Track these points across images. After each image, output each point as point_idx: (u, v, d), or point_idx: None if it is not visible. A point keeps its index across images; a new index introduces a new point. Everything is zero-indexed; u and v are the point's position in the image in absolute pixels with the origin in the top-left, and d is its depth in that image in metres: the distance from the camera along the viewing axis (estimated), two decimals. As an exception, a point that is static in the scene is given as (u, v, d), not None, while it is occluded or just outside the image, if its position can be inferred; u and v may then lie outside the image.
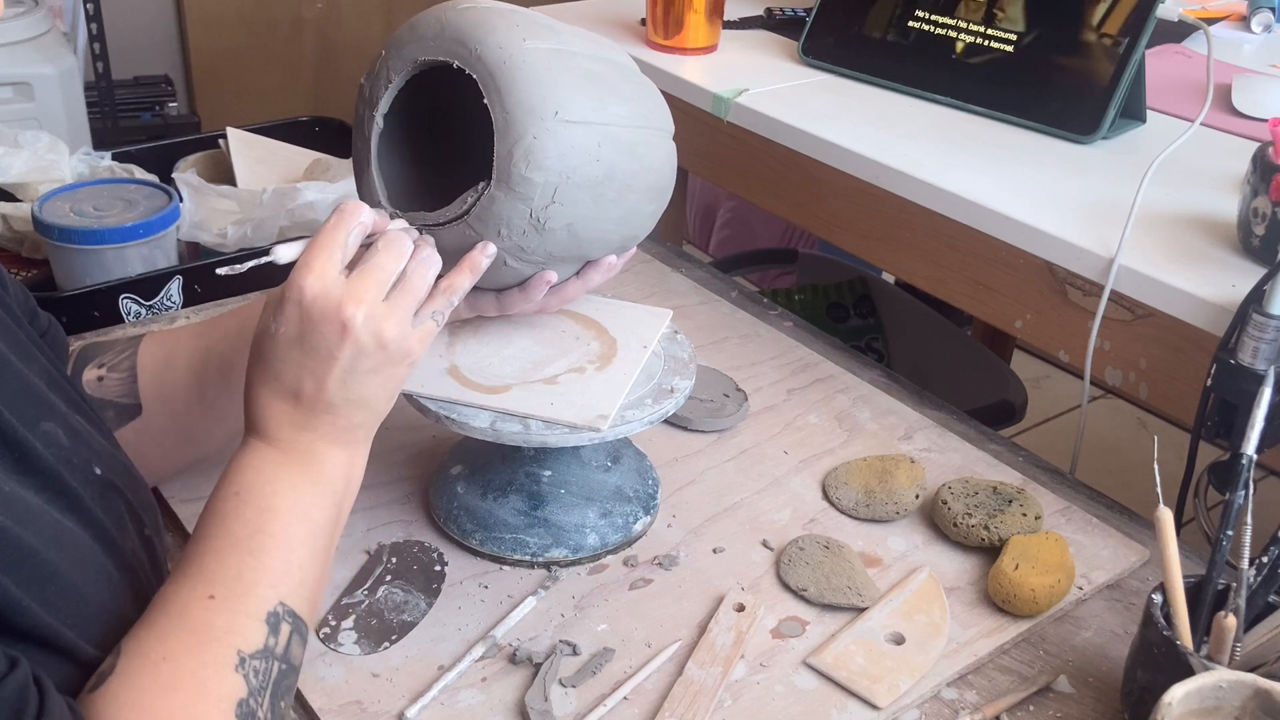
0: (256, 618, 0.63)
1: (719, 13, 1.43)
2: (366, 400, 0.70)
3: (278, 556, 0.65)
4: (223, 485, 0.68)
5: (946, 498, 0.93)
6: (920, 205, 1.13)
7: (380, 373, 0.70)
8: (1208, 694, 0.67)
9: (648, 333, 0.91)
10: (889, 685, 0.78)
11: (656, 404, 0.84)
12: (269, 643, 0.63)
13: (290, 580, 0.65)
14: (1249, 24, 1.59)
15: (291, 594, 0.65)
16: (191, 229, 1.32)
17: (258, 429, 0.70)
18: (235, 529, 0.65)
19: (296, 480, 0.69)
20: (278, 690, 0.63)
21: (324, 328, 0.68)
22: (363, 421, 0.71)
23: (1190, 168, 1.13)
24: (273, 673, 0.62)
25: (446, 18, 0.79)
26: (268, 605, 0.64)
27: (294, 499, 0.68)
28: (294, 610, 0.65)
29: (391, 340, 0.69)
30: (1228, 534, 0.74)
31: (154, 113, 2.96)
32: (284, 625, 0.64)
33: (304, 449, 0.69)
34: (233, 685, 0.60)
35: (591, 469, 0.91)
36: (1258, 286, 0.88)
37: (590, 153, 0.77)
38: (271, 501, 0.67)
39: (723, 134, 1.43)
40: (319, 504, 0.69)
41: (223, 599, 0.62)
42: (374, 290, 0.69)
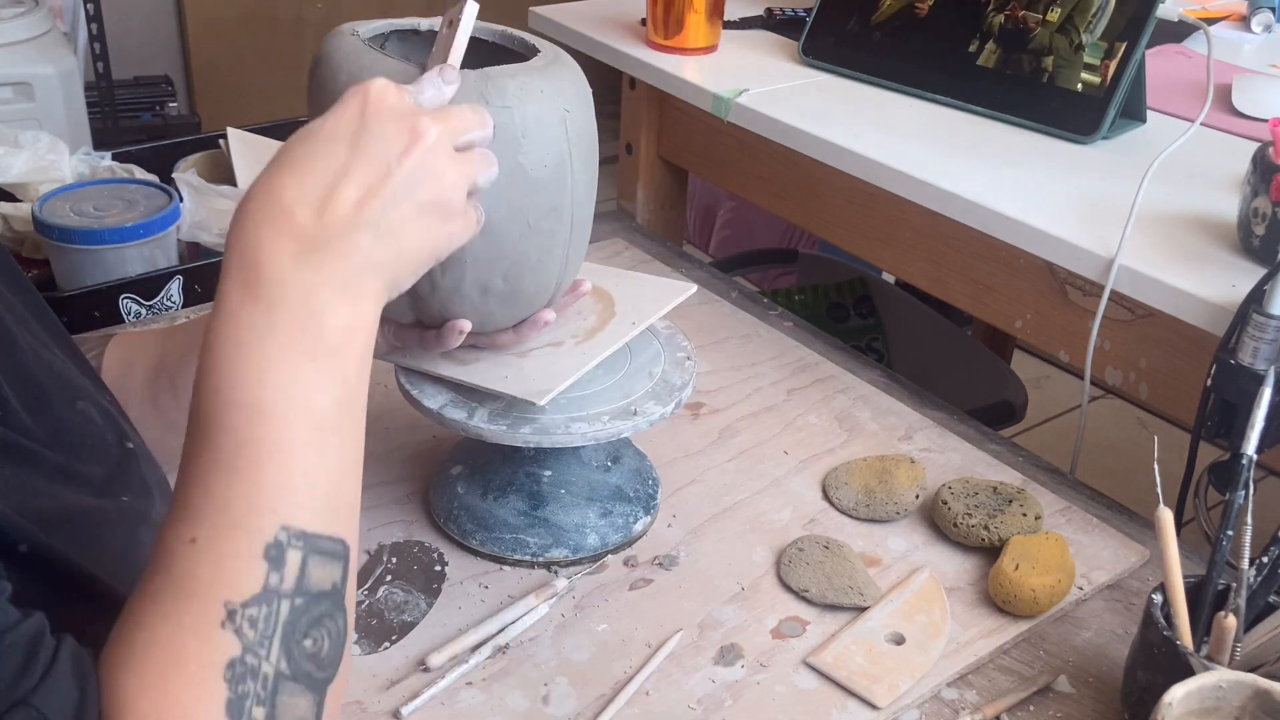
0: (250, 557, 0.51)
1: (719, 13, 1.43)
2: (401, 239, 0.57)
3: (273, 470, 0.53)
4: (202, 372, 0.55)
5: (946, 498, 0.93)
6: (920, 205, 1.13)
7: (426, 217, 0.58)
8: (1208, 694, 0.67)
9: (651, 307, 0.90)
10: (889, 685, 0.78)
11: (618, 419, 0.83)
12: (270, 581, 0.51)
13: (294, 496, 0.53)
14: (1249, 24, 1.59)
15: (297, 511, 0.53)
16: (192, 229, 1.32)
17: (243, 260, 0.55)
18: (218, 440, 0.53)
19: (288, 354, 0.54)
20: (293, 630, 0.52)
21: (389, 128, 0.57)
22: (382, 265, 0.57)
23: (1190, 168, 1.13)
24: (280, 613, 0.51)
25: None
26: (265, 536, 0.52)
27: (287, 383, 0.54)
28: (304, 529, 0.53)
29: (451, 185, 0.59)
30: (1228, 534, 0.74)
31: (154, 113, 2.96)
32: (290, 553, 0.52)
33: (299, 299, 0.54)
34: (219, 646, 0.50)
35: (592, 469, 0.91)
36: (1258, 286, 0.88)
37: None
38: (259, 394, 0.53)
39: (723, 134, 1.43)
40: (320, 384, 0.55)
41: (206, 541, 0.51)
42: (453, 124, 0.59)
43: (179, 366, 0.84)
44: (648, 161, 1.57)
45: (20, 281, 0.70)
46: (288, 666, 0.51)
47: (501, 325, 0.81)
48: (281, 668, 0.51)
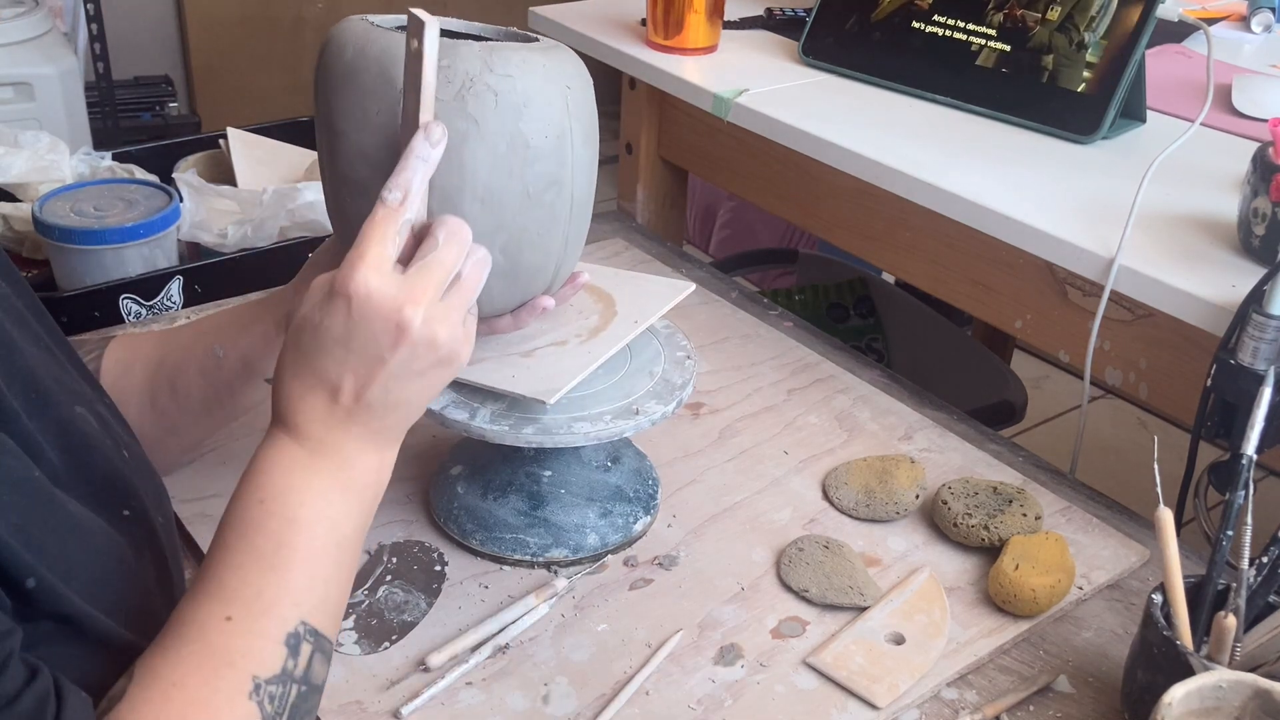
0: (275, 640, 0.60)
1: (719, 13, 1.43)
2: (408, 402, 0.67)
3: (302, 573, 0.62)
4: (247, 488, 0.65)
5: (946, 498, 0.93)
6: (920, 205, 1.13)
7: (427, 376, 0.66)
8: (1208, 694, 0.67)
9: (653, 306, 0.90)
10: (889, 685, 0.78)
11: (620, 419, 0.83)
12: (287, 665, 0.60)
13: (313, 597, 0.62)
14: (1249, 24, 1.59)
15: (314, 611, 0.62)
16: (192, 229, 1.32)
17: (287, 422, 0.66)
18: (258, 542, 0.62)
19: (326, 487, 0.65)
20: (296, 713, 0.61)
21: (377, 327, 0.63)
22: (399, 423, 0.68)
23: (1190, 168, 1.13)
24: (290, 696, 0.60)
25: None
26: (288, 626, 0.61)
27: (322, 508, 0.64)
28: (316, 628, 0.62)
29: (444, 343, 0.65)
30: (1228, 534, 0.74)
31: (154, 113, 2.97)
32: (304, 645, 0.61)
33: (335, 450, 0.65)
34: (246, 713, 0.58)
35: (591, 469, 0.91)
36: (1258, 286, 0.88)
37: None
38: (298, 512, 0.63)
39: (723, 134, 1.43)
40: (348, 513, 0.65)
41: (240, 620, 0.60)
42: (433, 290, 0.65)
43: (179, 368, 0.84)
44: (648, 161, 1.57)
45: (18, 283, 0.70)
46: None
47: (500, 307, 0.81)
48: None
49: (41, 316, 0.69)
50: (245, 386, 0.86)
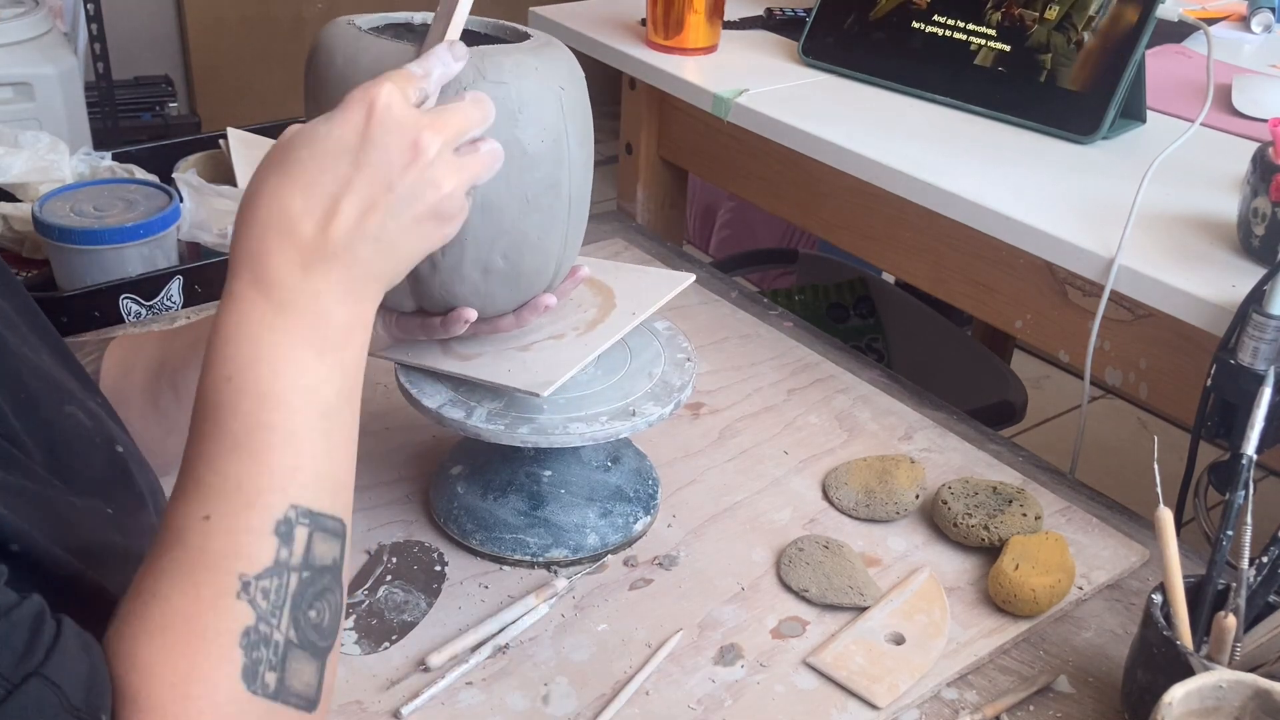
0: (262, 532, 0.55)
1: (719, 13, 1.43)
2: (397, 249, 0.61)
3: (283, 453, 0.56)
4: (212, 363, 0.58)
5: (946, 498, 0.93)
6: (920, 205, 1.13)
7: (422, 225, 0.61)
8: (1208, 694, 0.67)
9: (651, 297, 0.89)
10: (889, 685, 0.78)
11: (617, 420, 0.83)
12: (280, 555, 0.55)
13: (301, 476, 0.56)
14: (1249, 24, 1.59)
15: (305, 491, 0.56)
16: (192, 229, 1.32)
17: (254, 265, 0.58)
18: (232, 426, 0.56)
19: (299, 349, 0.58)
20: (300, 602, 0.55)
21: (392, 143, 0.58)
22: (380, 274, 0.61)
23: (1190, 168, 1.13)
24: (289, 585, 0.55)
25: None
26: (275, 514, 0.55)
27: (297, 376, 0.57)
28: (310, 508, 0.56)
29: (448, 193, 0.61)
30: (1228, 534, 0.74)
31: (154, 113, 2.97)
32: (299, 530, 0.56)
33: (308, 302, 0.58)
34: (234, 615, 0.53)
35: (591, 469, 0.91)
36: (1258, 286, 0.88)
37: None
38: (270, 385, 0.57)
39: (723, 134, 1.43)
40: (327, 377, 0.58)
41: (219, 517, 0.54)
42: (454, 131, 0.61)
43: (180, 369, 0.84)
44: (648, 161, 1.58)
45: (10, 283, 0.69)
46: (295, 635, 0.55)
47: (503, 308, 0.81)
48: (290, 636, 0.55)
49: (34, 316, 0.69)
50: None
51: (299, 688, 0.55)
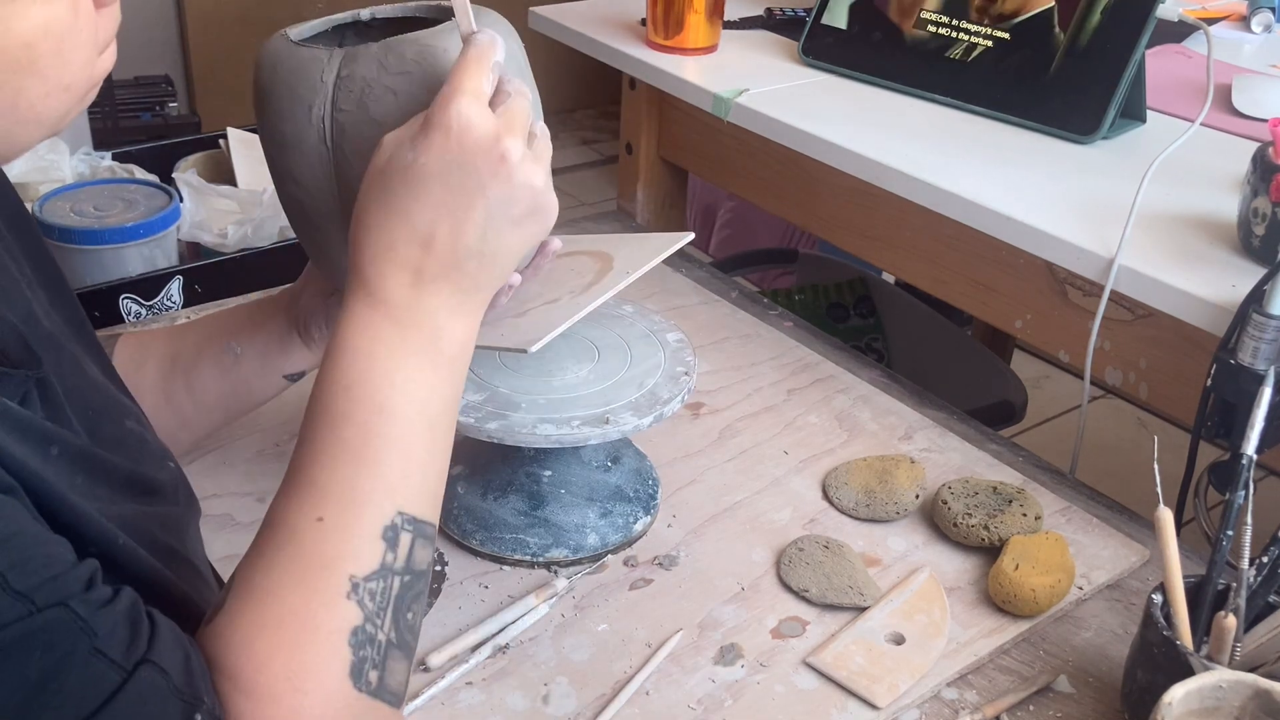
0: (371, 536, 0.57)
1: (719, 13, 1.43)
2: (500, 255, 0.62)
3: (394, 462, 0.59)
4: (331, 372, 0.60)
5: (946, 498, 0.93)
6: (920, 205, 1.13)
7: (523, 225, 0.62)
8: (1208, 694, 0.67)
9: (646, 256, 0.87)
10: (889, 685, 0.78)
11: (598, 425, 0.83)
12: (386, 559, 0.57)
13: (409, 485, 0.59)
14: (1249, 24, 1.59)
15: (411, 500, 0.59)
16: (192, 229, 1.32)
17: (369, 288, 0.61)
18: (346, 434, 0.59)
19: (413, 364, 0.60)
20: (401, 605, 0.58)
21: (478, 160, 0.60)
22: (489, 280, 0.63)
23: (1190, 168, 1.13)
24: (393, 589, 0.57)
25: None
26: (384, 519, 0.58)
27: (412, 390, 0.60)
28: (414, 516, 0.59)
29: (540, 187, 0.62)
30: (1228, 534, 0.74)
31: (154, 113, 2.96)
32: (403, 536, 0.58)
33: (421, 317, 0.61)
34: (345, 615, 0.55)
35: (591, 469, 0.91)
36: (1258, 286, 0.88)
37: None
38: (387, 397, 0.59)
39: (723, 134, 1.43)
40: (438, 391, 0.61)
41: (333, 520, 0.57)
42: (523, 127, 0.62)
43: (193, 364, 0.84)
44: (648, 161, 1.57)
45: (65, 295, 0.69)
46: (395, 636, 0.57)
47: None
48: (391, 637, 0.57)
49: (81, 326, 0.68)
50: (261, 383, 0.86)
51: (394, 686, 0.57)
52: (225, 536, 0.89)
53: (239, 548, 0.86)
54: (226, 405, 0.86)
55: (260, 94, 0.74)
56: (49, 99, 0.54)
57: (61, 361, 0.60)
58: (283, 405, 1.03)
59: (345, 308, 0.61)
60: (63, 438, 0.53)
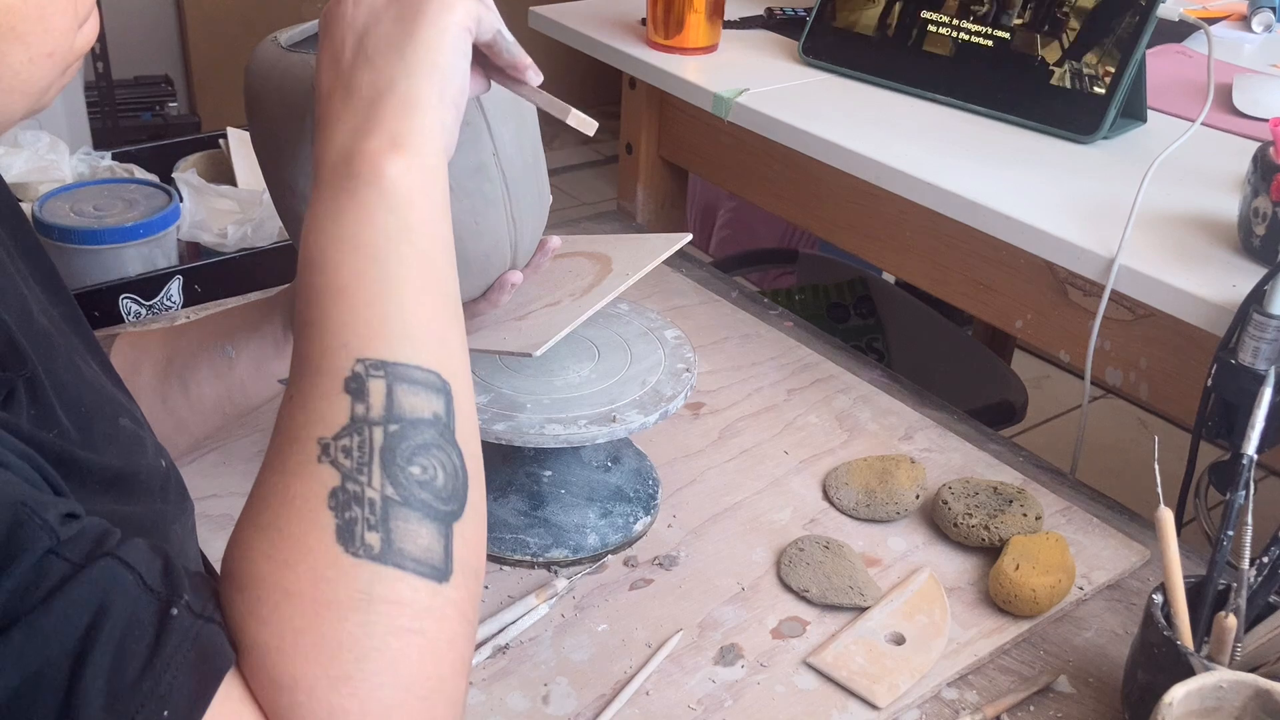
0: (333, 393, 0.53)
1: (719, 13, 1.43)
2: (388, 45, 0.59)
3: (336, 310, 0.54)
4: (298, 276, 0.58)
5: (947, 498, 0.93)
6: (920, 205, 1.13)
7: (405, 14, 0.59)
8: (1208, 694, 0.67)
9: (646, 258, 0.87)
10: (889, 685, 0.78)
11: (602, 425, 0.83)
12: (356, 411, 0.52)
13: (363, 328, 0.54)
14: (1249, 24, 1.59)
15: (370, 342, 0.54)
16: (191, 229, 1.32)
17: (316, 161, 0.59)
18: (304, 312, 0.56)
19: (327, 203, 0.57)
20: (392, 456, 0.52)
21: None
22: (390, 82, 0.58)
23: (1191, 168, 1.13)
24: (374, 440, 0.52)
25: None
26: (342, 371, 0.53)
27: (329, 226, 0.56)
28: (382, 359, 0.53)
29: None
30: (1228, 534, 0.74)
31: (154, 113, 2.96)
32: (372, 382, 0.53)
33: (336, 159, 0.57)
34: (318, 479, 0.51)
35: (591, 469, 0.91)
36: (1258, 286, 0.88)
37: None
38: (311, 248, 0.56)
39: (723, 134, 1.43)
40: (369, 221, 0.56)
41: (296, 392, 0.54)
42: None
43: (189, 365, 0.84)
44: (648, 161, 1.57)
45: (61, 292, 0.68)
46: (396, 492, 0.51)
47: (466, 296, 0.80)
48: (389, 493, 0.51)
49: (78, 324, 0.68)
50: (256, 385, 0.86)
51: (415, 551, 0.50)
52: (225, 536, 0.88)
53: (239, 548, 0.87)
54: (223, 408, 0.86)
55: (252, 101, 0.74)
56: (32, 66, 0.54)
57: (55, 358, 0.59)
58: (283, 405, 1.03)
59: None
60: (38, 439, 0.52)
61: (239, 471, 0.95)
